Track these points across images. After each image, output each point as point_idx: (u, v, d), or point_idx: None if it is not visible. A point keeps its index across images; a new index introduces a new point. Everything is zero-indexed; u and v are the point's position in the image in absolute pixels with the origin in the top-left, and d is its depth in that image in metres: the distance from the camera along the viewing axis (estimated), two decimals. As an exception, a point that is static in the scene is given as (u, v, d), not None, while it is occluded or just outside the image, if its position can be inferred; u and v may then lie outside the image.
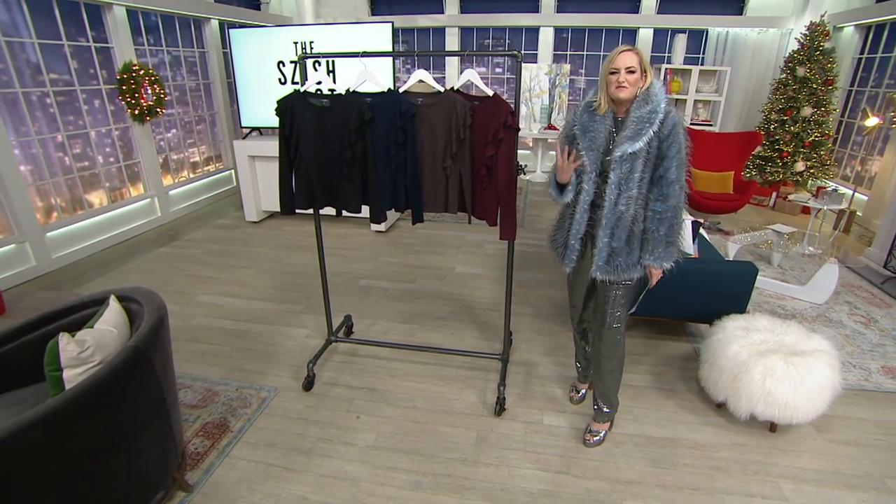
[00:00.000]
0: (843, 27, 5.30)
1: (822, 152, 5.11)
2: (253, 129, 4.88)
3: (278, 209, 4.97)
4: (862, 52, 5.23)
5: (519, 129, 1.99)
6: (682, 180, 1.70)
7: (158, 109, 4.66)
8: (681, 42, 5.46)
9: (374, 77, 2.18)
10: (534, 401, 2.39)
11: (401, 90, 2.09)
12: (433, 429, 2.20)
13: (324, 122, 2.17)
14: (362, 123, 2.10)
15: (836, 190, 3.86)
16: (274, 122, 4.70)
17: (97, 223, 4.33)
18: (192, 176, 5.50)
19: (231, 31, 4.51)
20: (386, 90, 2.09)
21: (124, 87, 4.37)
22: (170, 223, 5.01)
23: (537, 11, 6.62)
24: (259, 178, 4.81)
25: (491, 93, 1.99)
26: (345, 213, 2.33)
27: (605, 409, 2.08)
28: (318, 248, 2.54)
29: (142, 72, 4.45)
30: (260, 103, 4.69)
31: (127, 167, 4.66)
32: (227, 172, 5.96)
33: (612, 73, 1.67)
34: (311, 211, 2.39)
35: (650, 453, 2.07)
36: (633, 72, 1.65)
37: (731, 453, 2.07)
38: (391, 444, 2.11)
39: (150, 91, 4.56)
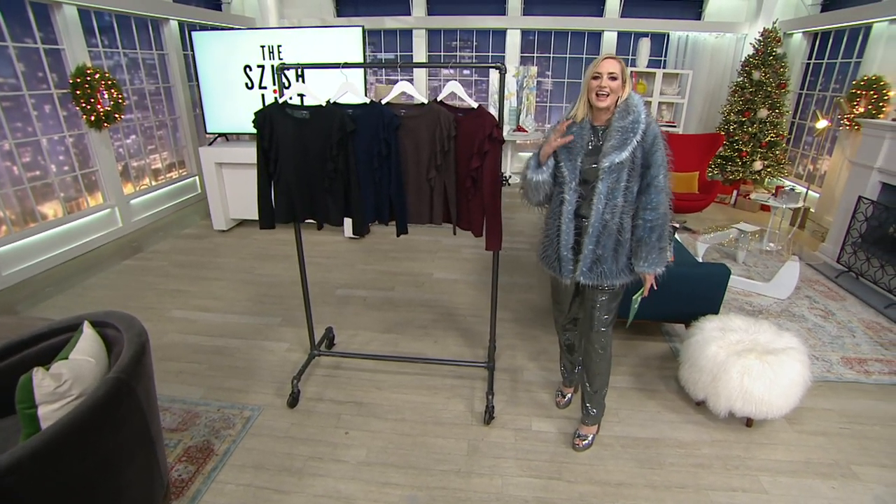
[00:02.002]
0: (792, 34, 5.59)
1: (777, 152, 5.38)
2: (219, 135, 4.71)
3: (247, 217, 4.87)
4: (810, 58, 5.53)
5: (504, 142, 2.00)
6: (668, 188, 1.76)
7: (116, 115, 4.44)
8: (645, 46, 5.63)
9: (356, 88, 2.14)
10: (521, 407, 2.42)
11: (383, 101, 2.07)
12: (424, 441, 2.19)
13: (304, 134, 2.12)
14: (344, 135, 2.06)
15: (793, 189, 4.08)
16: (240, 127, 4.61)
17: (52, 236, 4.09)
18: (154, 184, 5.27)
19: (194, 33, 4.34)
20: (368, 102, 2.06)
21: (78, 92, 4.14)
22: (132, 234, 4.78)
23: (504, 14, 6.68)
24: (227, 185, 4.66)
25: (475, 105, 1.99)
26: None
27: (592, 412, 2.12)
28: (300, 261, 2.49)
29: (97, 76, 4.22)
30: (226, 108, 4.53)
31: (83, 176, 4.42)
32: (190, 179, 5.74)
33: (595, 77, 1.70)
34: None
35: (637, 454, 2.13)
36: (614, 78, 1.68)
37: (712, 450, 2.16)
38: (383, 458, 2.09)
39: (106, 96, 4.33)
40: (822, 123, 4.39)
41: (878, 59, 4.39)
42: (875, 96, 4.20)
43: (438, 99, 2.07)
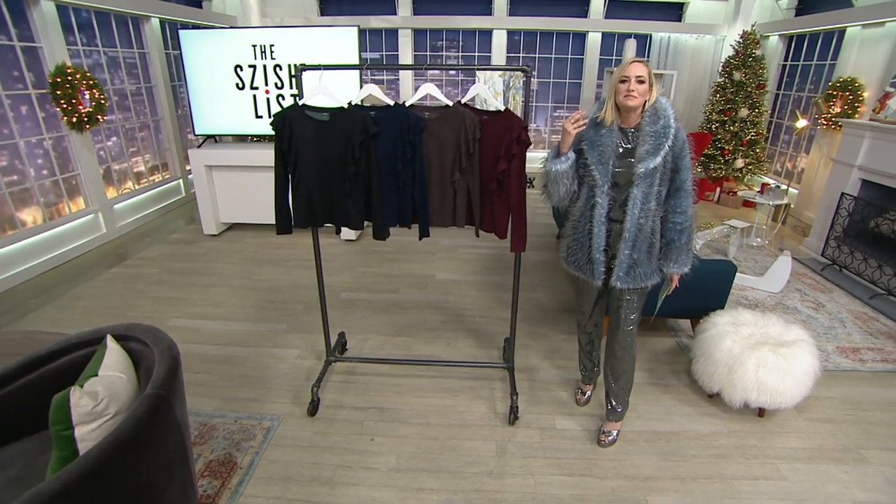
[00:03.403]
0: (768, 36, 5.81)
1: (757, 150, 5.59)
2: (208, 136, 4.58)
3: (238, 221, 4.74)
4: (786, 60, 5.76)
5: (531, 144, 2.01)
6: (694, 191, 1.82)
7: (99, 116, 4.26)
8: (631, 47, 5.75)
9: (377, 91, 2.12)
10: (542, 406, 2.44)
11: (406, 104, 2.05)
12: (452, 444, 2.19)
13: (324, 137, 2.08)
14: (367, 138, 2.04)
15: (778, 186, 4.24)
16: (230, 129, 4.49)
17: (32, 244, 3.89)
18: (137, 187, 5.08)
19: (181, 31, 4.19)
20: (393, 104, 2.04)
21: (59, 92, 3.95)
22: (117, 240, 4.59)
23: (490, 14, 6.71)
24: (217, 188, 4.52)
25: (503, 107, 2.00)
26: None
27: (618, 409, 2.16)
28: (317, 267, 2.44)
29: (78, 75, 4.04)
30: (214, 109, 4.40)
31: (64, 180, 4.22)
32: (174, 182, 5.56)
33: (623, 81, 1.72)
34: (271, 222, 2.27)
35: (660, 448, 2.18)
36: (642, 81, 1.71)
37: (730, 440, 2.23)
38: (413, 464, 2.08)
39: (88, 96, 4.15)
40: (801, 123, 4.58)
41: (851, 61, 4.61)
42: (851, 97, 4.41)
43: (463, 101, 2.06)
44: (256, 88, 4.28)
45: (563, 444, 2.19)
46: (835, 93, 4.55)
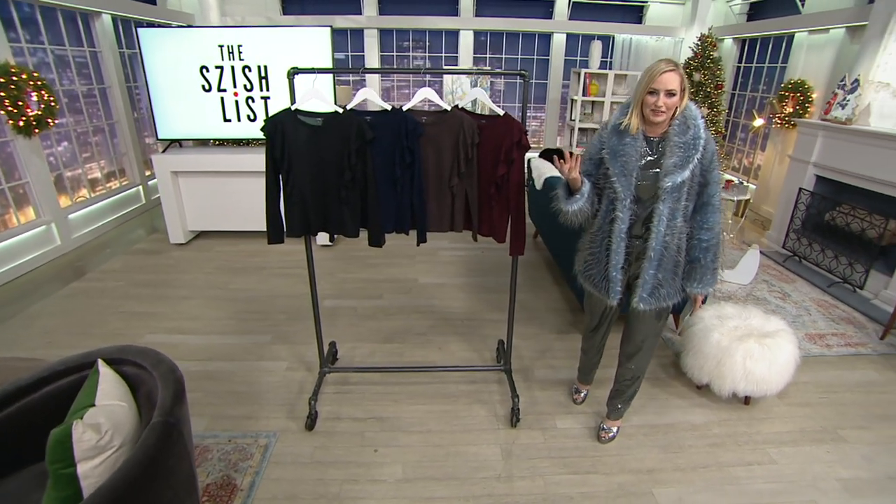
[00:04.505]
0: (723, 39, 6.10)
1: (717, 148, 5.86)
2: (172, 141, 4.35)
3: (207, 229, 4.53)
4: (740, 62, 6.08)
5: (530, 148, 2.02)
6: (722, 206, 1.72)
7: (49, 120, 3.96)
8: (596, 48, 5.90)
9: (374, 95, 2.07)
10: (540, 406, 2.47)
11: (404, 108, 2.01)
12: (457, 450, 2.18)
13: (318, 143, 2.02)
14: (363, 143, 1.99)
15: (742, 182, 4.46)
16: (196, 133, 4.28)
17: (-21, 260, 3.58)
18: (93, 195, 4.76)
19: (140, 30, 3.96)
20: (389, 109, 2.00)
21: (2, 94, 3.64)
22: (73, 252, 4.29)
23: (456, 15, 6.71)
24: (184, 194, 4.31)
25: (502, 112, 2.00)
26: (265, 228, 2.14)
27: (619, 408, 2.21)
28: (310, 276, 2.36)
29: (24, 75, 3.74)
30: (179, 113, 4.19)
31: (11, 189, 3.90)
32: (134, 189, 5.25)
33: (651, 93, 1.57)
34: (245, 229, 2.20)
35: (658, 441, 2.25)
36: (672, 94, 1.56)
37: (721, 429, 2.33)
38: (421, 473, 2.05)
39: (35, 98, 3.85)
40: (758, 122, 4.84)
41: (800, 64, 4.91)
42: (801, 98, 4.70)
43: (460, 105, 2.05)
44: (224, 91, 4.10)
45: (567, 443, 2.22)
46: (787, 94, 4.83)
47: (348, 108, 2.02)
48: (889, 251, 3.51)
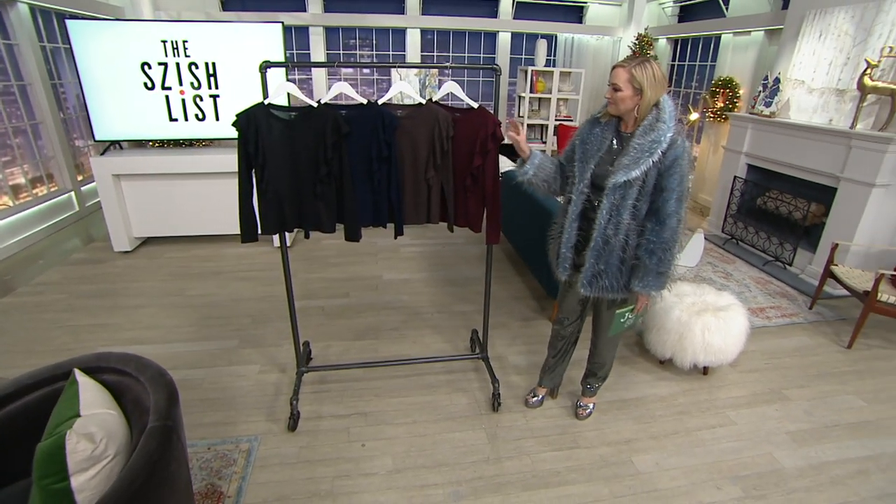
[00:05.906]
0: (657, 39, 6.51)
1: (655, 141, 6.25)
2: (112, 143, 4.06)
3: (154, 235, 4.27)
4: (673, 60, 6.51)
5: (503, 140, 2.09)
6: (680, 213, 1.66)
7: (-34, 121, 3.59)
8: (542, 47, 6.11)
9: (350, 90, 2.06)
10: (518, 389, 2.55)
11: (379, 102, 2.02)
12: (443, 437, 2.21)
13: (293, 137, 1.98)
14: (339, 137, 1.98)
15: (681, 172, 4.78)
16: (139, 134, 4.03)
17: None
18: (16, 203, 4.35)
19: (69, 22, 3.66)
20: (365, 102, 2.00)
21: None
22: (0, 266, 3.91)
23: (403, 13, 6.72)
24: (128, 199, 4.04)
25: (476, 105, 2.05)
26: (218, 231, 2.12)
27: (595, 386, 2.33)
28: (286, 275, 2.31)
29: (-66, 72, 3.37)
30: (118, 112, 3.92)
31: (-77, 199, 3.51)
32: (65, 196, 4.84)
33: (609, 84, 1.67)
34: (196, 233, 2.14)
35: (631, 413, 2.40)
36: (618, 89, 1.63)
37: (685, 398, 2.51)
38: (411, 462, 2.07)
39: (-51, 97, 3.48)
40: (694, 116, 5.22)
41: (728, 63, 5.34)
42: (730, 94, 5.11)
43: (435, 99, 2.08)
44: (169, 88, 3.88)
45: (547, 423, 2.32)
46: (717, 90, 5.24)
47: (322, 102, 2.00)
48: (812, 231, 3.91)
